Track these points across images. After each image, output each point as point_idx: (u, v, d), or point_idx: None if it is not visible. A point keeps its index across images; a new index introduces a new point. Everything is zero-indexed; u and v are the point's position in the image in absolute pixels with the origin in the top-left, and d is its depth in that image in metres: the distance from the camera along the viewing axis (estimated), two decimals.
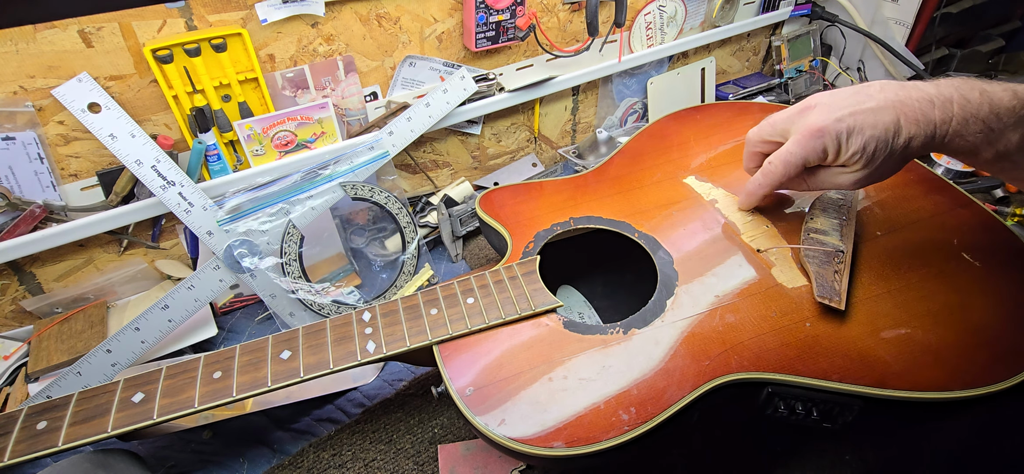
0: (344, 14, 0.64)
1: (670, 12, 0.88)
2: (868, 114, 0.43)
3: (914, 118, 0.42)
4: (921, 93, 0.43)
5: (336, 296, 0.62)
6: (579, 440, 0.38)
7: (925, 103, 0.42)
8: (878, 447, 0.49)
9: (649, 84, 0.92)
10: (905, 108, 0.42)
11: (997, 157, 0.42)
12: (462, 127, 0.79)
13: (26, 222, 0.55)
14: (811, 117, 0.46)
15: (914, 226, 0.53)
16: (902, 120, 0.42)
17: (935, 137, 0.42)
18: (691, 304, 0.47)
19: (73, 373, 0.52)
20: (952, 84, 0.43)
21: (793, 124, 0.48)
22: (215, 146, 0.61)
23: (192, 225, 0.57)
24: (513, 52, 0.78)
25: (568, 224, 0.55)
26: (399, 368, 0.60)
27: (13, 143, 0.53)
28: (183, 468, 0.52)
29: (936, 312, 0.46)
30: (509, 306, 0.46)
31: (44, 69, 0.52)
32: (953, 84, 0.42)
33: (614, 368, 0.42)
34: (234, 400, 0.42)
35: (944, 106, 0.42)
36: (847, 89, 0.46)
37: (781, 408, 0.43)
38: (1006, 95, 0.41)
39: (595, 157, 0.87)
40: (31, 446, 0.39)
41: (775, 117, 0.50)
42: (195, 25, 0.57)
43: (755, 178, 0.51)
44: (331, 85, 0.66)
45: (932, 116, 0.42)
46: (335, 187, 0.64)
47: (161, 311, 0.56)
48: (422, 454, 0.50)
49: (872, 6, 0.96)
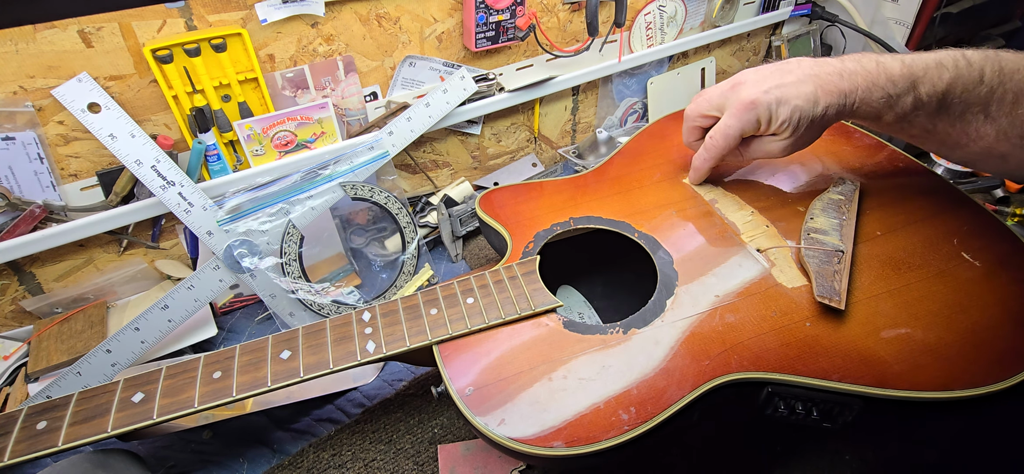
0: (344, 14, 0.64)
1: (670, 12, 0.88)
2: (792, 86, 0.48)
3: (827, 89, 0.47)
4: (831, 68, 0.48)
5: (336, 296, 0.62)
6: (579, 440, 0.38)
7: (835, 76, 0.47)
8: (878, 447, 0.49)
9: (649, 84, 0.92)
10: (820, 80, 0.47)
11: (897, 119, 0.48)
12: (462, 127, 0.79)
13: (26, 222, 0.55)
14: (743, 91, 0.50)
15: (914, 226, 0.53)
16: (819, 91, 0.47)
17: (846, 105, 0.47)
18: (691, 304, 0.47)
19: (73, 373, 0.52)
20: (854, 58, 0.48)
21: (726, 99, 0.52)
22: (215, 146, 0.61)
23: (192, 225, 0.57)
24: (513, 52, 0.78)
25: (568, 224, 0.55)
26: (399, 368, 0.60)
27: (13, 143, 0.53)
28: (183, 468, 0.52)
29: (936, 312, 0.46)
30: (509, 306, 0.46)
31: (44, 69, 0.52)
32: (855, 58, 0.48)
33: (614, 368, 0.42)
34: (234, 400, 0.42)
35: (850, 78, 0.47)
36: (770, 65, 0.51)
37: (781, 408, 0.43)
38: (896, 64, 0.46)
39: (595, 157, 0.87)
40: (31, 446, 0.39)
41: (708, 93, 0.54)
42: (195, 25, 0.57)
43: (699, 153, 0.56)
44: (331, 85, 0.66)
45: (842, 87, 0.47)
46: (335, 187, 0.64)
47: (161, 311, 0.56)
48: (422, 454, 0.50)
49: (872, 6, 0.96)
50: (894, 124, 0.49)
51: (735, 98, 0.51)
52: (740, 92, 0.50)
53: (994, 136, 0.46)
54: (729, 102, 0.52)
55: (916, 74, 0.46)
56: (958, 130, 0.48)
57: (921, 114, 0.47)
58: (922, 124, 0.48)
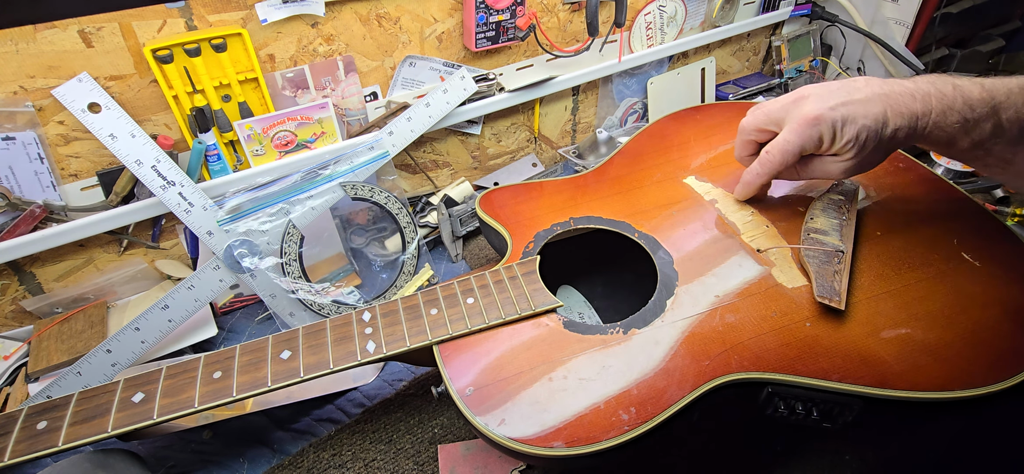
0: (344, 14, 0.64)
1: (670, 12, 0.88)
2: (859, 105, 0.45)
3: (899, 110, 0.45)
4: (903, 88, 0.46)
5: (336, 296, 0.62)
6: (579, 440, 0.38)
7: (907, 96, 0.45)
8: (878, 447, 0.49)
9: (649, 84, 0.92)
10: (891, 100, 0.45)
11: (972, 146, 0.45)
12: (462, 127, 0.79)
13: (26, 222, 0.55)
14: (806, 106, 0.48)
15: (914, 226, 0.53)
16: (889, 112, 0.45)
17: (916, 128, 0.45)
18: (691, 304, 0.47)
19: (73, 373, 0.52)
20: (928, 80, 0.46)
21: (787, 113, 0.49)
22: (215, 146, 0.61)
23: (192, 225, 0.57)
24: (513, 52, 0.78)
25: (568, 224, 0.55)
26: (399, 368, 0.60)
27: (13, 143, 0.53)
28: (183, 468, 0.52)
29: (936, 312, 0.46)
30: (509, 306, 0.46)
31: (44, 69, 0.52)
32: (929, 80, 0.46)
33: (614, 368, 0.42)
34: (234, 400, 0.42)
35: (924, 100, 0.45)
36: (836, 82, 0.48)
37: (781, 408, 0.43)
38: (975, 88, 0.44)
39: (595, 157, 0.87)
40: (31, 446, 0.39)
41: (768, 106, 0.51)
42: (195, 25, 0.57)
43: (752, 168, 0.53)
44: (331, 85, 0.66)
45: (914, 108, 0.45)
46: (335, 187, 0.64)
47: (161, 311, 0.56)
48: (422, 454, 0.50)
49: (872, 6, 0.96)
50: (969, 151, 0.46)
51: (797, 113, 0.48)
52: (803, 107, 0.48)
53: None
54: (790, 117, 0.48)
55: (998, 99, 0.43)
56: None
57: (1000, 142, 0.44)
58: (1000, 153, 0.45)
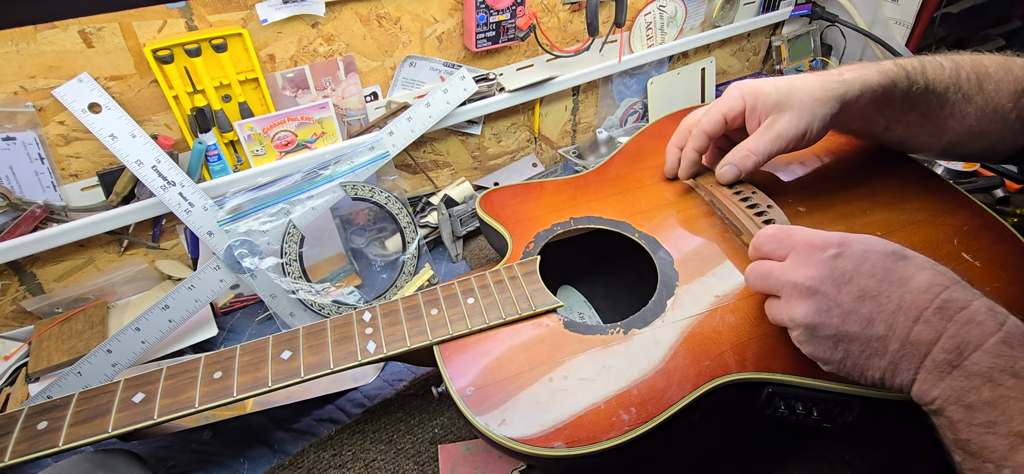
0: (344, 14, 0.64)
1: (670, 12, 0.88)
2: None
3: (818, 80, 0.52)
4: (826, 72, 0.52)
5: (336, 296, 0.63)
6: (579, 440, 0.38)
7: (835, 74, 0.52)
8: (878, 447, 0.49)
9: (649, 84, 0.92)
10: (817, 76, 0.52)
11: (904, 98, 0.51)
12: (462, 127, 0.79)
13: (26, 222, 0.55)
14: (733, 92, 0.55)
15: (914, 226, 0.53)
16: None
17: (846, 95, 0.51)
18: (691, 304, 0.47)
19: (73, 373, 0.52)
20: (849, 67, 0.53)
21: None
22: (215, 146, 0.61)
23: (192, 225, 0.57)
24: (513, 52, 0.78)
25: (568, 224, 0.55)
26: (399, 368, 0.60)
27: (14, 143, 0.53)
28: (183, 468, 0.52)
29: None
30: (509, 306, 0.46)
31: (44, 69, 0.52)
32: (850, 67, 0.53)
33: (614, 368, 0.42)
34: (235, 400, 0.42)
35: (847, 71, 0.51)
36: None
37: (781, 408, 0.43)
38: (887, 63, 0.51)
39: (595, 157, 0.87)
40: (32, 446, 0.39)
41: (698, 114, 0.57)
42: (195, 25, 0.57)
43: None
44: (331, 85, 0.66)
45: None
46: (335, 187, 0.64)
47: (161, 311, 0.56)
48: (422, 454, 0.50)
49: (872, 6, 0.96)
50: (899, 106, 0.52)
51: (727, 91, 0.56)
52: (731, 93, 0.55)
53: (974, 115, 0.51)
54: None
55: (904, 65, 0.51)
56: (945, 112, 0.52)
57: (917, 99, 0.52)
58: (919, 112, 0.53)
